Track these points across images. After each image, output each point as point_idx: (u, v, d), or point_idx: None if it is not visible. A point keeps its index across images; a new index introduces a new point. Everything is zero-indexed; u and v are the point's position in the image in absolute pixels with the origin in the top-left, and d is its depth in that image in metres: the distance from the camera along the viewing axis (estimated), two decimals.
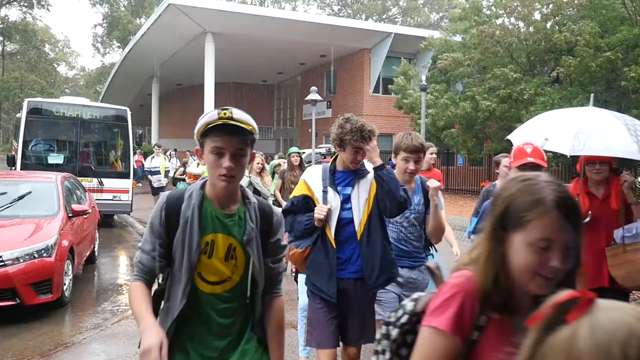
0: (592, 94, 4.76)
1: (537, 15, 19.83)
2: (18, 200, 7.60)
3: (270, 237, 2.24)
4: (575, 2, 18.29)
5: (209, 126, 1.98)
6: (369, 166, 3.46)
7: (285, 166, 9.04)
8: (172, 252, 2.10)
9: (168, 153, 20.05)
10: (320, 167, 3.54)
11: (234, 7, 27.35)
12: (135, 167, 22.72)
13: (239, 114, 2.00)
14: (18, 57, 59.34)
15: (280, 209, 3.00)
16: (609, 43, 16.49)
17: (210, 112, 2.00)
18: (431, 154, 6.35)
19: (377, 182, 3.36)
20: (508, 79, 18.52)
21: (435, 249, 5.08)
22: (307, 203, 3.41)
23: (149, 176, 14.71)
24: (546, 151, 3.82)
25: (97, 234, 9.98)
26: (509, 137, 4.52)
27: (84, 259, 8.65)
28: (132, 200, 13.92)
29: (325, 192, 3.38)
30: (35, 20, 55.75)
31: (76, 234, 7.74)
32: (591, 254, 3.73)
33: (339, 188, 3.40)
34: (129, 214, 14.61)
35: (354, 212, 3.36)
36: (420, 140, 3.73)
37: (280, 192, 8.65)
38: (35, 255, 6.35)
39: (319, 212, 3.28)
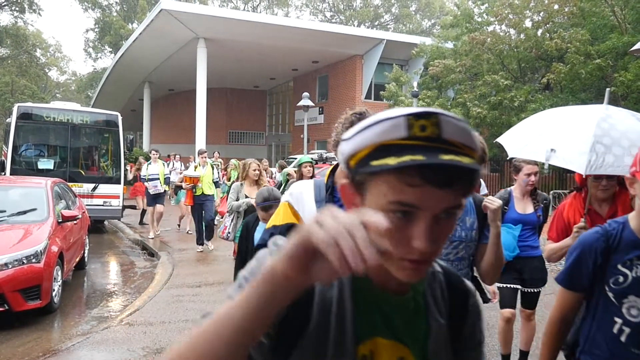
0: (607, 89, 3.78)
1: (528, 23, 19.97)
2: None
3: (464, 339, 1.21)
4: (566, 10, 18.43)
5: (388, 158, 0.90)
6: None
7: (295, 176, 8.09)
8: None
9: (174, 157, 19.32)
10: (311, 184, 2.50)
11: (227, 13, 27.42)
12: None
13: (452, 126, 0.93)
14: (9, 61, 59.02)
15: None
16: (598, 50, 16.62)
17: (385, 116, 0.94)
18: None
19: None
20: (499, 86, 18.62)
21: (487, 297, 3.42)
22: None
23: (145, 183, 13.19)
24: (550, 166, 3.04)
25: (87, 240, 9.92)
26: (499, 140, 3.86)
27: (74, 264, 8.60)
28: (122, 206, 13.86)
29: None
30: (27, 25, 55.45)
31: (66, 239, 7.69)
32: None
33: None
34: (119, 220, 14.56)
35: None
36: (482, 142, 2.46)
37: None
38: (24, 261, 6.30)
39: None
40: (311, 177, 6.84)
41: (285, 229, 2.33)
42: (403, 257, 0.96)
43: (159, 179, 12.95)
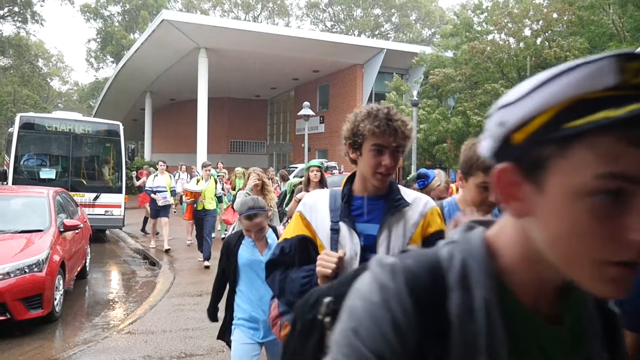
0: None
1: (527, 32, 20.08)
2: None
3: None
4: (565, 18, 18.57)
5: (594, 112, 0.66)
6: (408, 194, 2.16)
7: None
8: None
9: (180, 168, 18.60)
10: (326, 193, 2.24)
11: (227, 23, 27.57)
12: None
13: None
14: (11, 71, 59.30)
15: None
16: None
17: (578, 63, 0.68)
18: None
19: None
20: (499, 95, 18.66)
21: None
22: (305, 249, 2.14)
23: (152, 195, 12.52)
24: None
25: (89, 249, 9.96)
26: None
27: (75, 273, 8.63)
28: (124, 215, 13.89)
29: (335, 230, 2.09)
30: (29, 35, 55.81)
31: (67, 248, 7.72)
32: None
33: (358, 225, 2.08)
34: (121, 229, 14.58)
35: None
36: None
37: None
38: (26, 270, 6.34)
39: (325, 263, 1.95)
40: (319, 182, 6.59)
41: (297, 241, 2.16)
42: (609, 260, 0.70)
43: (166, 191, 12.50)
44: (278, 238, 3.60)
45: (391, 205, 2.07)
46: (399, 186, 2.16)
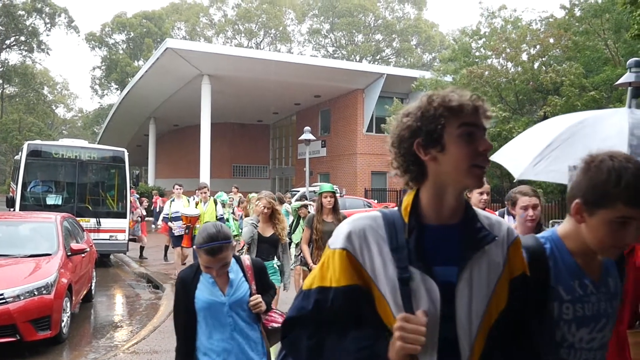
0: (629, 88, 3.13)
1: (524, 56, 20.42)
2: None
3: None
4: (561, 43, 18.90)
5: None
6: (484, 218, 1.55)
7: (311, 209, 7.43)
8: None
9: (196, 192, 17.58)
10: (378, 219, 1.52)
11: (230, 50, 28.08)
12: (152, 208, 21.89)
13: None
14: (17, 99, 60.09)
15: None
16: (593, 83, 17.02)
17: None
18: (481, 194, 4.46)
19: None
20: (497, 118, 18.97)
21: None
22: (355, 304, 1.46)
23: (169, 223, 11.73)
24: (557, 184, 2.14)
25: (94, 273, 10.14)
26: (495, 158, 2.89)
27: (82, 297, 8.82)
28: (128, 240, 14.08)
29: (405, 280, 1.41)
30: (35, 64, 56.71)
31: (74, 272, 7.93)
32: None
33: (436, 269, 1.43)
34: (125, 254, 14.76)
35: (459, 323, 1.42)
36: None
37: (308, 246, 6.44)
38: (36, 293, 6.54)
39: (411, 336, 1.33)
40: (333, 209, 6.14)
41: (342, 294, 1.45)
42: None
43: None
44: (242, 268, 3.08)
45: (472, 238, 1.46)
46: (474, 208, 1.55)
